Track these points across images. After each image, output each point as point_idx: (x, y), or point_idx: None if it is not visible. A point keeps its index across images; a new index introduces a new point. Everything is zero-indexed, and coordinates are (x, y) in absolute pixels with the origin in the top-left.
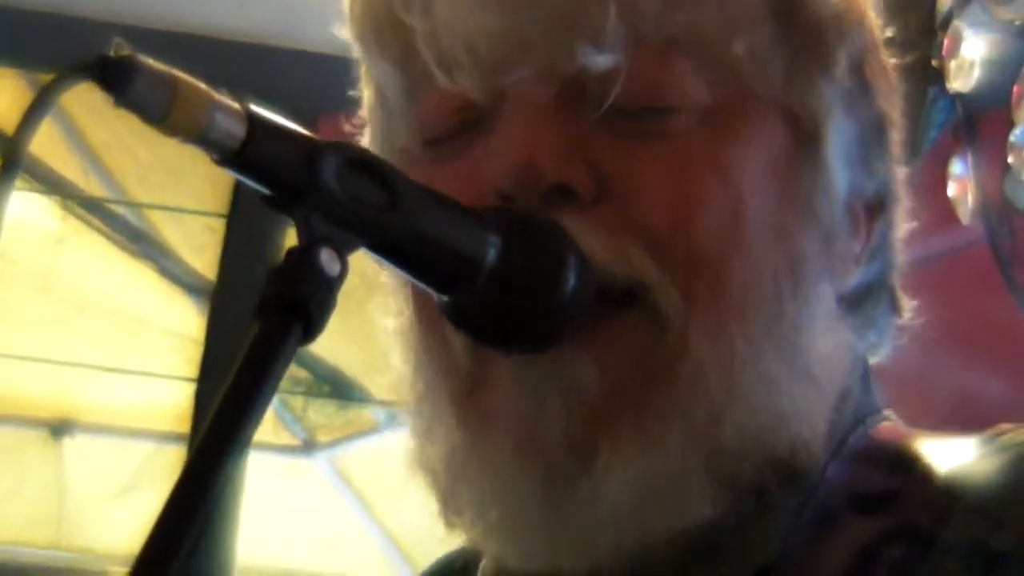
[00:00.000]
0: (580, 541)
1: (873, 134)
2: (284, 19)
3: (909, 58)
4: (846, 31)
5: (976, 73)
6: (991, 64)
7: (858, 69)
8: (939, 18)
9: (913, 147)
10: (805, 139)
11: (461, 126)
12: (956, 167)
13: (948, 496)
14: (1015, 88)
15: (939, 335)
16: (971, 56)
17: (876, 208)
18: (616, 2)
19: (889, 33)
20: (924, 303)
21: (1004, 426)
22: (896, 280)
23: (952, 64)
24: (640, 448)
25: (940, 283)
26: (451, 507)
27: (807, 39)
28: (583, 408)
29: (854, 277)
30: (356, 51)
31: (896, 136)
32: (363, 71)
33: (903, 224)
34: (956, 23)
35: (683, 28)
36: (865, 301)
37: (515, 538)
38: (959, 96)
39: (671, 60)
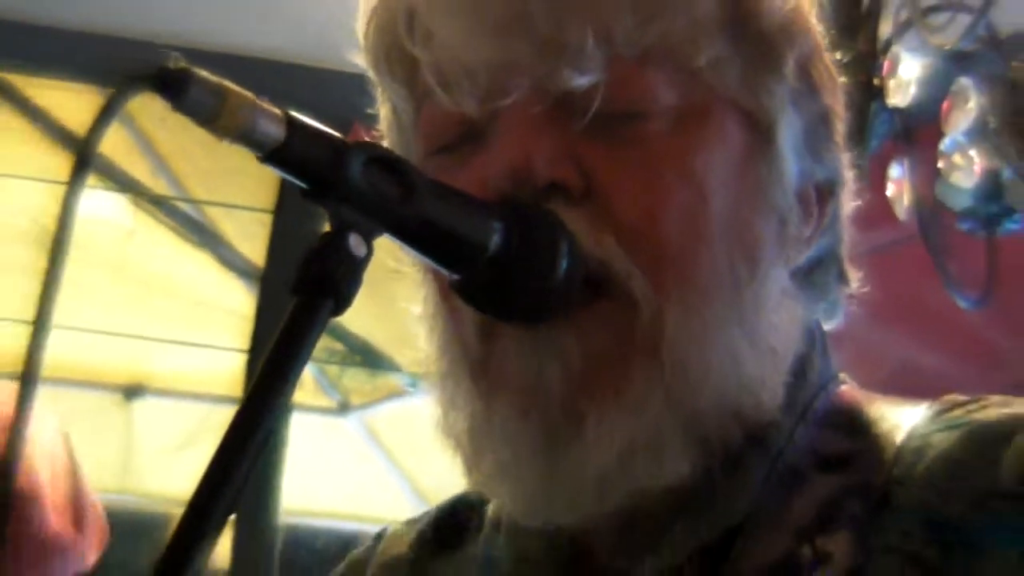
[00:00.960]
0: (571, 493)
1: (820, 127)
2: (322, 40)
3: (856, 78)
4: (792, 38)
5: (912, 91)
6: (924, 83)
7: (804, 70)
8: (880, 44)
9: (858, 154)
10: (760, 134)
11: (462, 138)
12: (894, 171)
13: (902, 462)
14: (944, 104)
15: (882, 314)
16: (907, 76)
17: (826, 192)
18: (592, 28)
19: (838, 56)
20: (870, 288)
21: (953, 398)
22: (844, 253)
23: (891, 83)
24: (621, 414)
25: (882, 271)
26: (474, 468)
27: (758, 46)
28: (571, 377)
29: (806, 254)
30: (371, 74)
31: (841, 127)
32: (379, 92)
33: (850, 203)
34: (895, 48)
35: (652, 43)
36: (816, 272)
37: (517, 491)
38: (897, 110)
39: (644, 72)
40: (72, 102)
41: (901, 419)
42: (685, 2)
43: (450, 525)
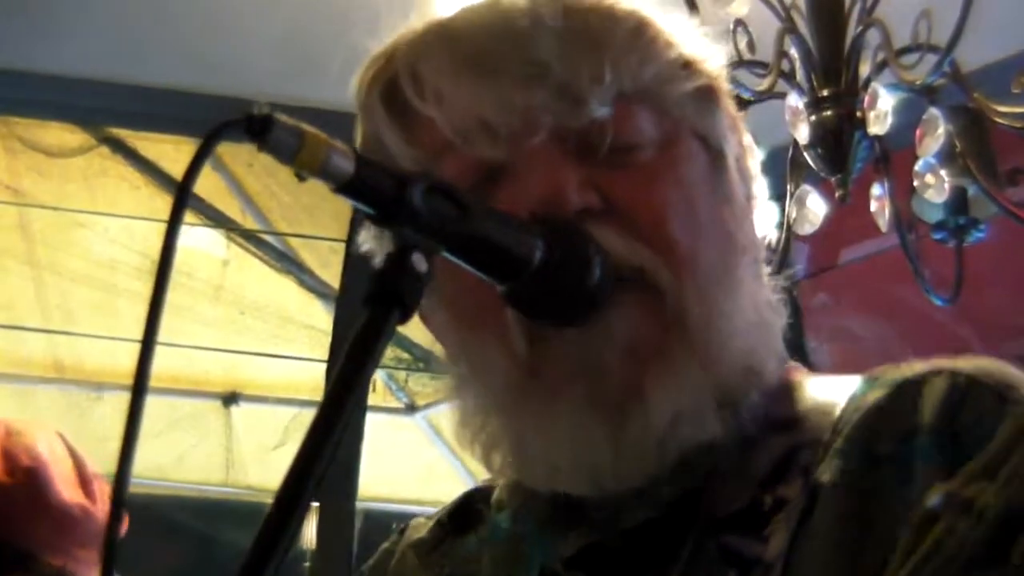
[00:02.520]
0: (637, 459)
1: (742, 153)
2: None
3: (840, 111)
4: (721, 79)
5: (888, 121)
6: (899, 114)
7: (728, 107)
8: (861, 81)
9: (844, 175)
10: (715, 155)
11: (485, 178)
12: (876, 190)
13: (841, 418)
14: (917, 131)
15: (868, 311)
16: (884, 109)
17: (750, 197)
18: (605, 70)
19: (826, 92)
20: (856, 290)
21: (883, 367)
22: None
23: (871, 115)
24: (672, 381)
25: (869, 274)
26: (497, 455)
27: (705, 86)
28: (625, 357)
29: (756, 249)
30: (362, 127)
31: (752, 160)
32: (363, 143)
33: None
34: (874, 84)
35: (645, 84)
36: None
37: (586, 467)
38: (877, 138)
39: (635, 110)
40: (174, 152)
41: (841, 386)
42: (659, 50)
43: (463, 513)
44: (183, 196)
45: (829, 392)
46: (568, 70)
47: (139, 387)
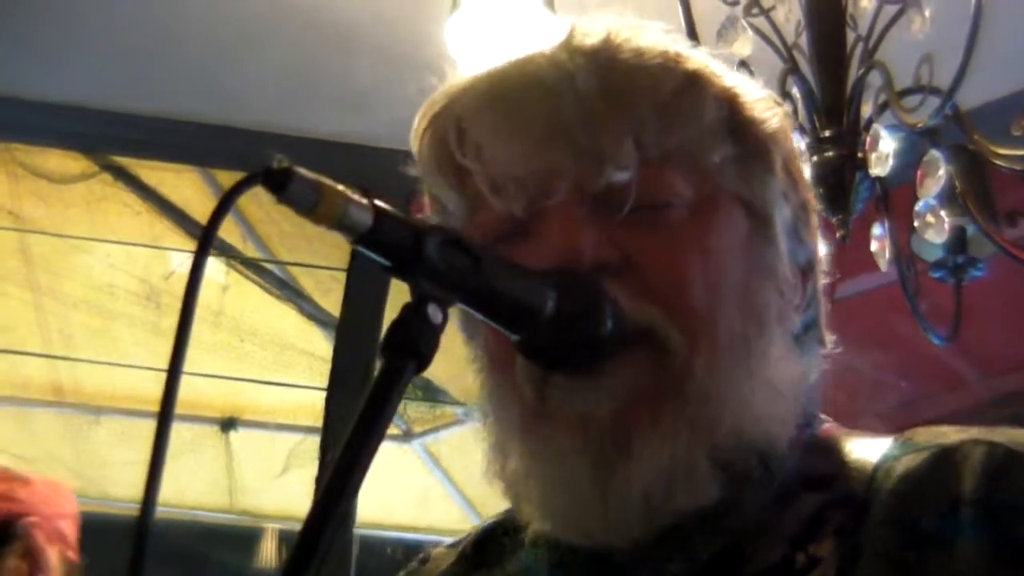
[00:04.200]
0: (621, 514)
1: (801, 215)
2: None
3: (842, 152)
4: (779, 142)
5: (890, 162)
6: (900, 155)
7: (788, 169)
8: (863, 123)
9: (845, 216)
10: (759, 221)
11: (511, 231)
12: (876, 229)
13: (874, 478)
14: (918, 172)
15: (868, 346)
16: (886, 150)
17: (808, 270)
18: (625, 136)
19: (828, 133)
20: (858, 323)
21: (916, 430)
22: (822, 322)
23: (873, 156)
24: (658, 441)
25: (868, 309)
26: (522, 490)
27: (753, 149)
28: (617, 411)
29: (798, 321)
30: (424, 180)
31: (815, 219)
32: (428, 198)
33: (823, 281)
34: (875, 126)
35: (673, 147)
36: (807, 337)
37: (571, 513)
38: (878, 179)
39: (665, 171)
40: (174, 180)
41: (874, 446)
42: (696, 113)
43: (489, 544)
44: (206, 244)
45: (863, 451)
46: (589, 133)
47: (165, 419)
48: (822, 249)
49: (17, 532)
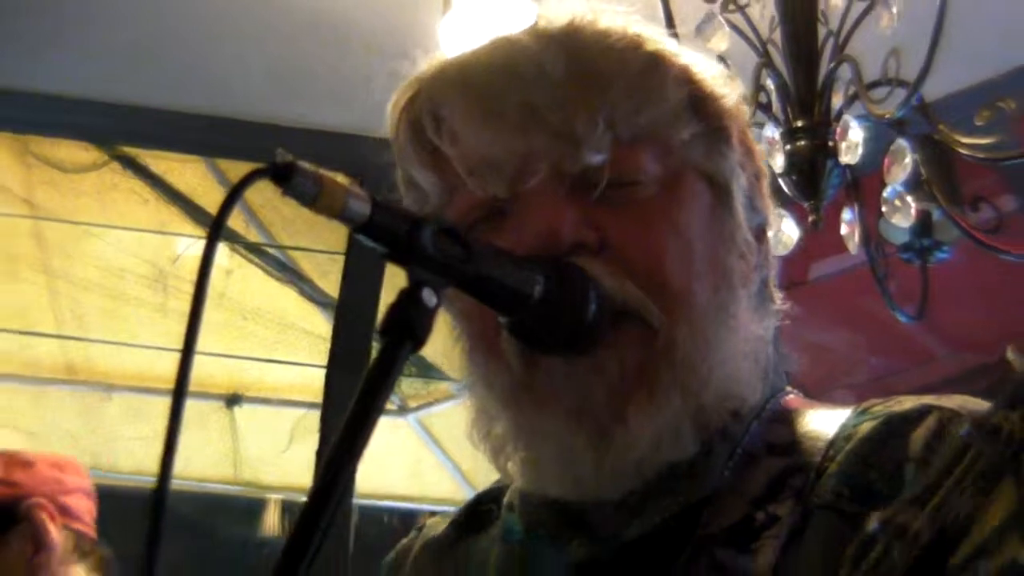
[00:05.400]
0: (616, 475)
1: (755, 183)
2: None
3: (814, 141)
4: (735, 116)
5: (859, 151)
6: (869, 144)
7: (743, 140)
8: (833, 114)
9: (817, 202)
10: (720, 192)
11: (490, 214)
12: (846, 214)
13: (832, 445)
14: (885, 160)
15: (839, 322)
16: (855, 139)
17: (761, 234)
18: (598, 118)
19: (800, 123)
20: (831, 302)
21: (872, 400)
22: (772, 280)
23: (843, 145)
24: (653, 411)
25: (839, 290)
26: (503, 458)
27: (714, 125)
28: (613, 390)
29: (756, 283)
30: (399, 162)
31: (766, 184)
32: (401, 179)
33: (772, 243)
34: (845, 117)
35: (642, 127)
36: (763, 297)
37: (568, 475)
38: (848, 166)
39: (635, 150)
40: (180, 168)
41: (834, 416)
42: (661, 93)
43: (477, 513)
44: (216, 233)
45: (822, 421)
46: (563, 117)
47: (179, 395)
48: (774, 217)
49: (20, 514)
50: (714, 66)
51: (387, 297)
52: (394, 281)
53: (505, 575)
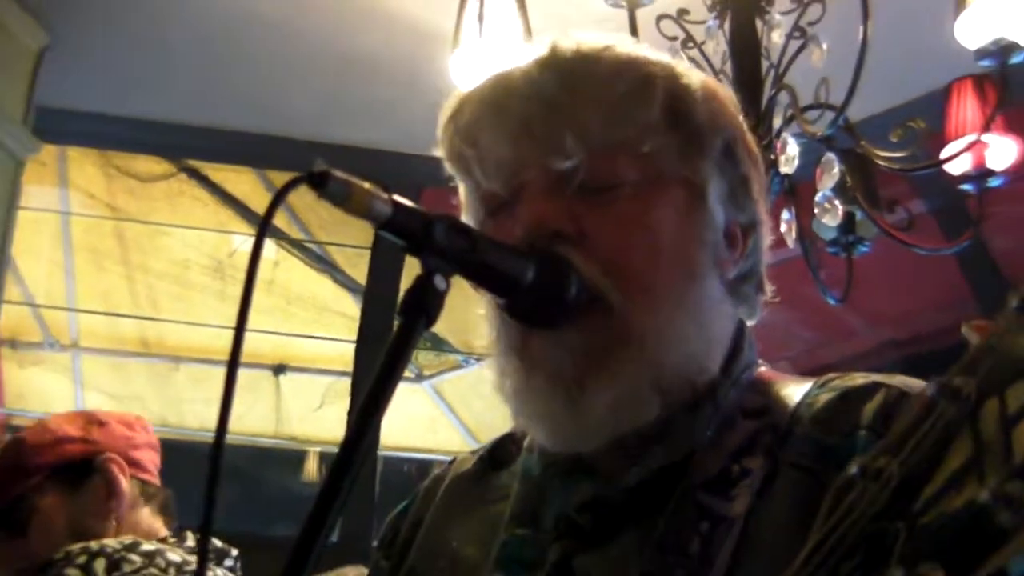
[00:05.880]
0: (583, 432)
1: (740, 187)
2: (407, 137)
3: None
4: (717, 127)
5: (795, 162)
6: (803, 157)
7: (728, 148)
8: (774, 132)
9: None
10: (696, 195)
11: (501, 206)
12: (785, 215)
13: (796, 411)
14: (817, 171)
15: (779, 306)
16: (792, 153)
17: (748, 229)
18: (573, 132)
19: None
20: (771, 288)
21: (831, 375)
22: (763, 271)
23: (782, 158)
24: (610, 382)
25: (778, 277)
26: (521, 414)
27: (690, 136)
28: (577, 362)
29: (733, 272)
30: (448, 169)
31: (759, 187)
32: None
33: (768, 236)
34: (784, 135)
35: (618, 140)
36: (743, 285)
37: (549, 429)
38: (786, 175)
39: (613, 157)
40: (235, 178)
41: (798, 387)
42: (635, 113)
43: (501, 451)
44: (264, 231)
45: (789, 391)
46: (547, 130)
47: (233, 365)
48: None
49: (96, 467)
50: (700, 82)
51: (406, 282)
52: (412, 268)
53: (525, 506)
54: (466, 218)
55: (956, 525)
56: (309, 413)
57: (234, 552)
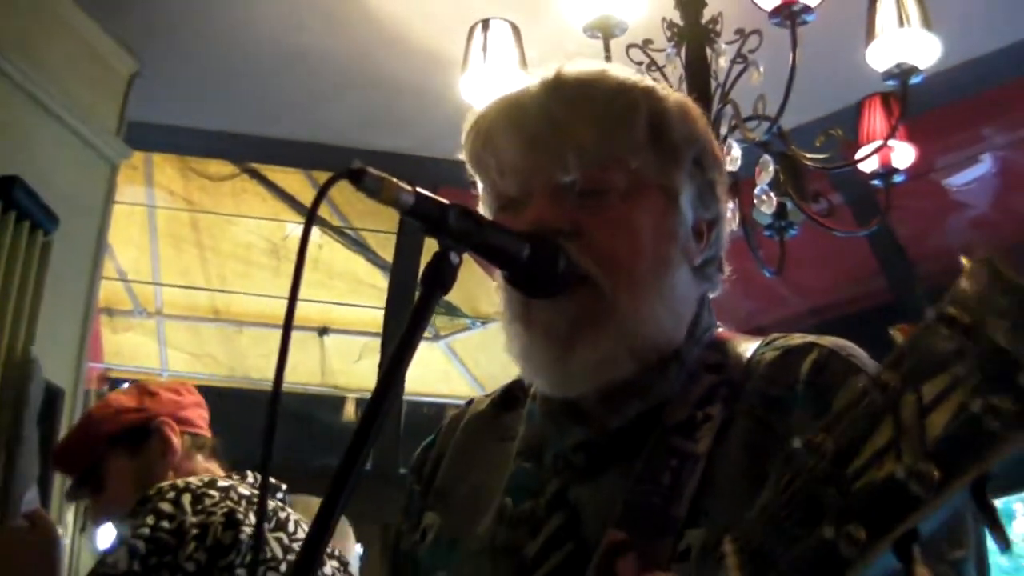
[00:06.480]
0: (573, 381)
1: (706, 190)
2: (427, 144)
3: None
4: (690, 142)
5: (739, 162)
6: (744, 158)
7: (698, 159)
8: (721, 138)
9: None
10: (671, 199)
11: (511, 202)
12: (730, 205)
13: (750, 367)
14: (756, 169)
15: (725, 279)
16: (736, 155)
17: (713, 223)
18: (572, 152)
19: None
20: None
21: (775, 335)
22: (723, 255)
23: (727, 159)
24: (593, 343)
25: (725, 256)
26: (525, 366)
27: (668, 151)
28: (569, 325)
29: (699, 260)
30: (469, 169)
31: (722, 190)
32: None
33: (728, 227)
34: (729, 140)
35: (610, 155)
36: (707, 268)
37: (545, 377)
38: (732, 173)
39: (605, 168)
40: (287, 178)
41: (749, 345)
42: (624, 134)
43: (510, 395)
44: (311, 219)
45: (741, 348)
46: (551, 144)
47: (287, 328)
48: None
49: (151, 430)
50: (677, 103)
51: (426, 260)
52: (430, 250)
53: (529, 445)
54: (482, 209)
55: (877, 494)
56: (347, 366)
57: (283, 487)
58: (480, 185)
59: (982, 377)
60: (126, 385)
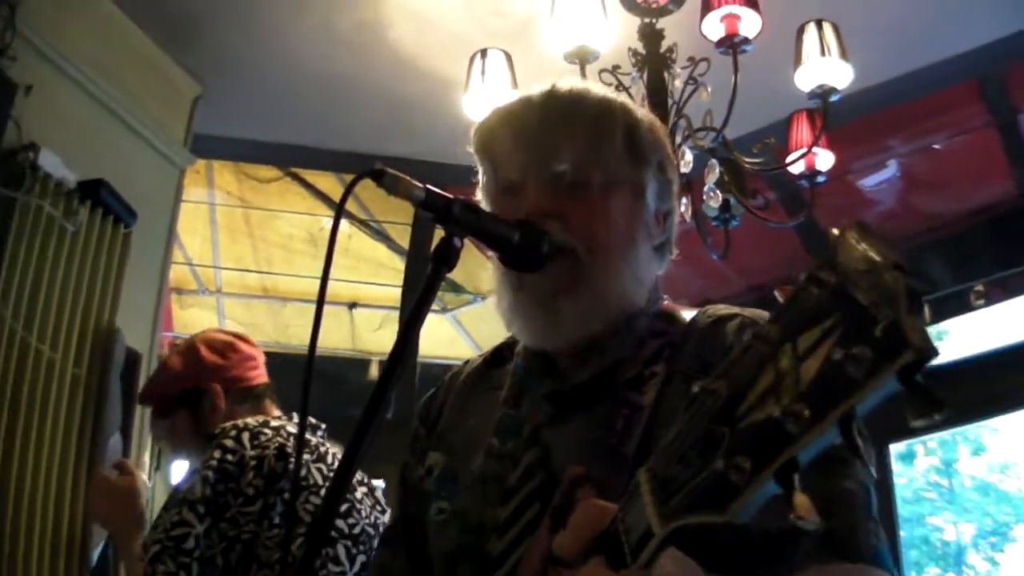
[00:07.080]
0: (556, 335)
1: (665, 188)
2: (438, 151)
3: None
4: (655, 150)
5: (691, 165)
6: (696, 162)
7: (660, 164)
8: (676, 145)
9: None
10: (639, 194)
11: (512, 188)
12: (684, 200)
13: (687, 333)
14: (705, 170)
15: (678, 261)
16: (688, 159)
17: (667, 214)
18: (564, 149)
19: None
20: (679, 251)
21: (708, 305)
22: (674, 240)
23: (681, 162)
24: (575, 302)
25: (679, 243)
26: (513, 324)
27: (638, 155)
28: (552, 289)
29: (657, 242)
30: (475, 160)
31: (676, 187)
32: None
33: (676, 218)
34: (683, 147)
35: (592, 156)
36: (663, 248)
37: (531, 333)
38: (684, 174)
39: (588, 167)
40: (322, 180)
41: (688, 314)
42: (609, 140)
43: (499, 354)
44: (340, 213)
45: (683, 317)
46: (547, 143)
47: (321, 303)
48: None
49: (202, 391)
50: (647, 119)
51: (434, 244)
52: (439, 237)
53: (512, 394)
54: (483, 193)
55: (760, 431)
56: (372, 334)
57: (323, 425)
58: (483, 173)
59: (845, 330)
60: (183, 339)
